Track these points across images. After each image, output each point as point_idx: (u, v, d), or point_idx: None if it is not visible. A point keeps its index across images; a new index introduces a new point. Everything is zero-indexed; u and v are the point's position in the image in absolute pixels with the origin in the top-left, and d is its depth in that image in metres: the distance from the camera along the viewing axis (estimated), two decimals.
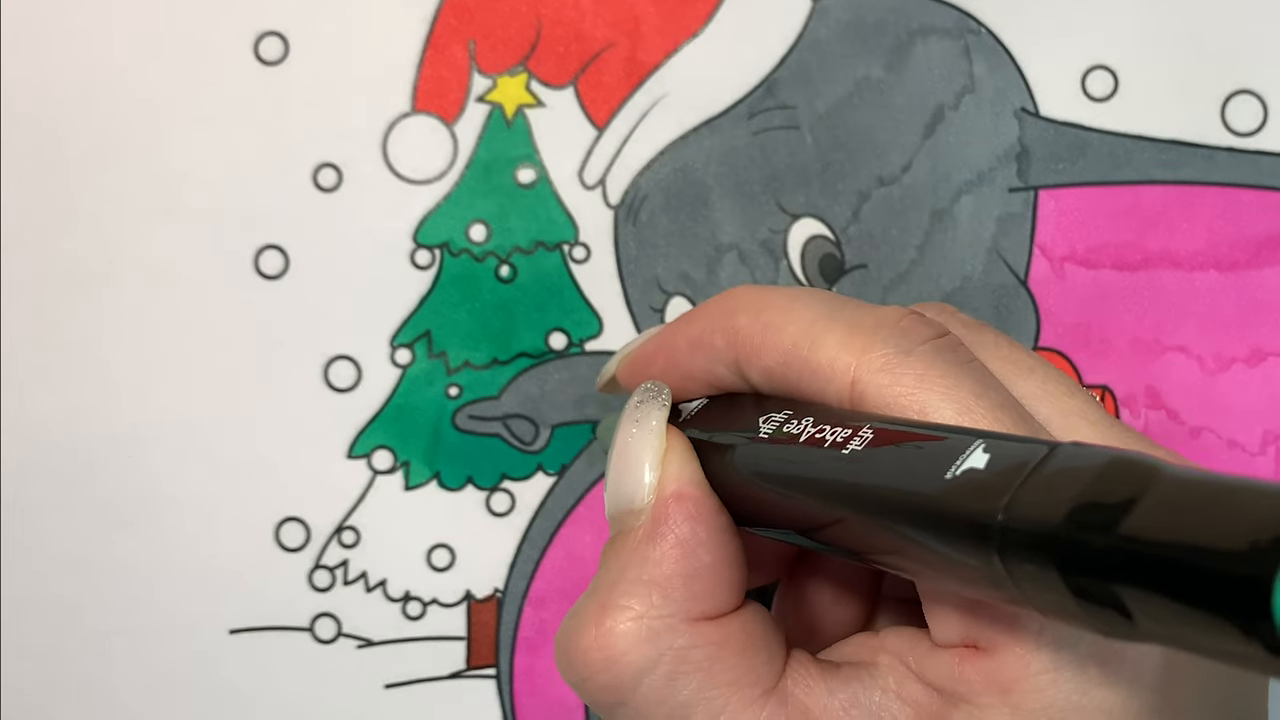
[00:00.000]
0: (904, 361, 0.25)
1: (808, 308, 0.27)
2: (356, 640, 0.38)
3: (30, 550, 0.37)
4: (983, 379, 0.25)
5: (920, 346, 0.26)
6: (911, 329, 0.26)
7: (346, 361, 0.38)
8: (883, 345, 0.26)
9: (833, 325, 0.26)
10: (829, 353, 0.26)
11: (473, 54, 0.38)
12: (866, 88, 0.38)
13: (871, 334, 0.26)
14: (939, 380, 0.25)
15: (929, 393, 0.25)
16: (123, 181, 0.37)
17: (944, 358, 0.25)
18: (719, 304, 0.29)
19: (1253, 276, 0.38)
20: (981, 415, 0.24)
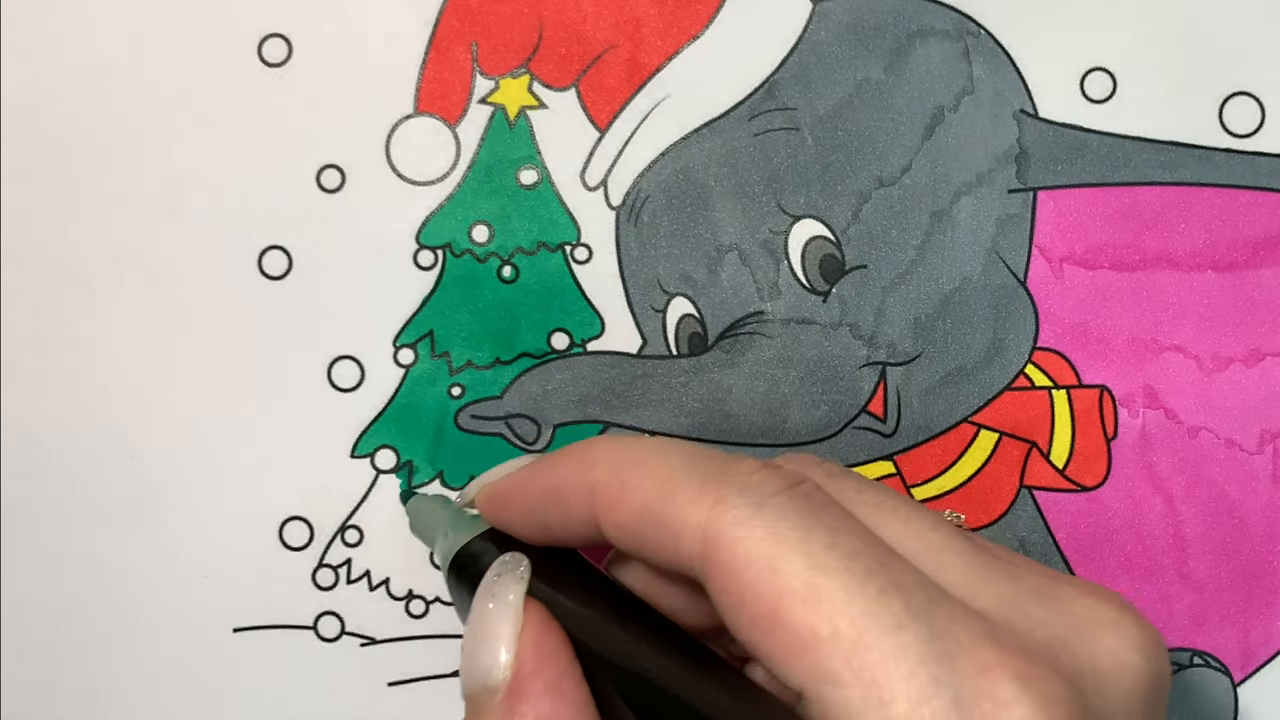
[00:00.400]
0: (756, 514, 0.25)
1: (665, 462, 0.27)
2: (360, 638, 0.38)
3: (30, 550, 0.37)
4: (836, 528, 0.25)
5: (773, 499, 0.25)
6: (764, 481, 0.26)
7: (350, 361, 0.38)
8: (735, 499, 0.25)
9: (687, 481, 0.26)
10: (681, 509, 0.26)
11: (475, 56, 0.38)
12: (867, 89, 0.38)
13: (724, 486, 0.26)
14: (789, 533, 0.25)
15: (779, 546, 0.24)
16: (126, 182, 0.37)
17: (797, 509, 0.25)
18: (579, 455, 0.29)
19: (1250, 277, 0.38)
20: (833, 566, 0.24)
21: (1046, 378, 0.38)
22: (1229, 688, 0.39)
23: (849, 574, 0.24)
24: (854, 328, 0.38)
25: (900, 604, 0.24)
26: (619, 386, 0.38)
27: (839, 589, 0.24)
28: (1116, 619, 0.26)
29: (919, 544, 0.27)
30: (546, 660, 0.27)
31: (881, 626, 0.23)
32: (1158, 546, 0.39)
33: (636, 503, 0.27)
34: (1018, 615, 0.25)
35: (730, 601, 0.25)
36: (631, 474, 0.27)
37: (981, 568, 0.26)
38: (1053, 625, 0.25)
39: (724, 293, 0.38)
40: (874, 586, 0.24)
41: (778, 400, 0.38)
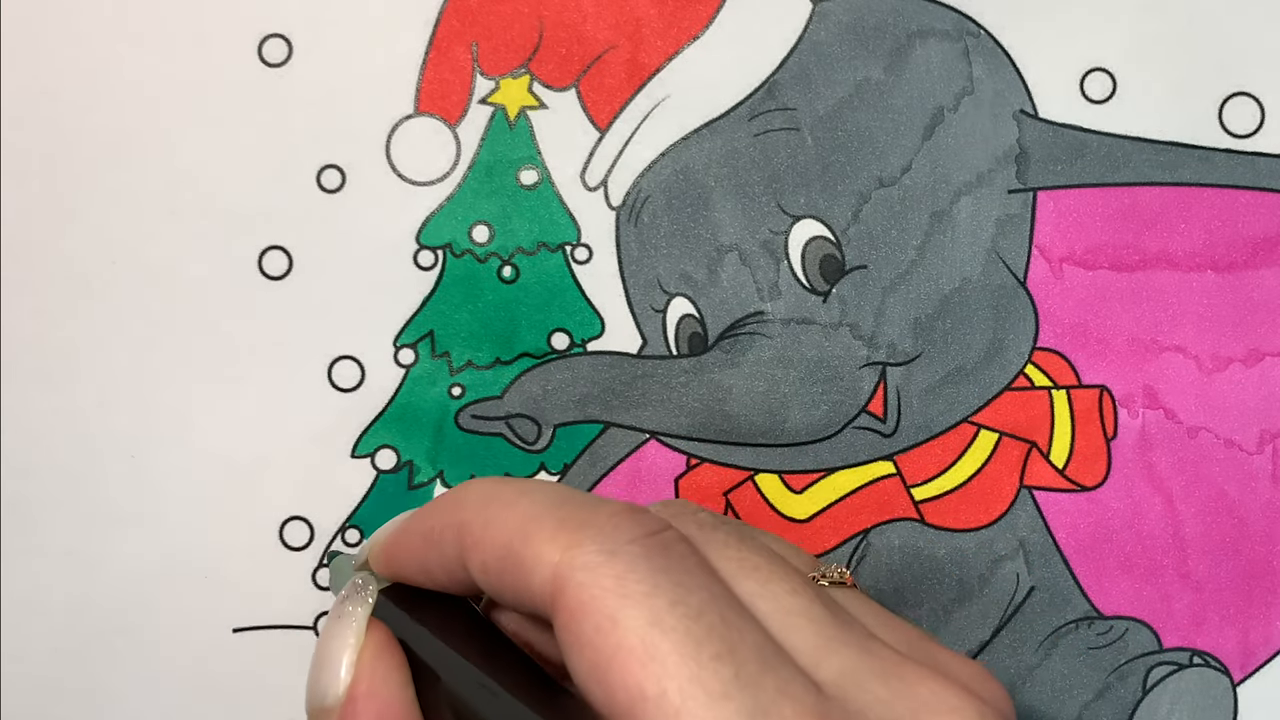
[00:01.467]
0: (606, 562, 0.25)
1: (530, 503, 0.27)
2: None
3: (30, 550, 0.37)
4: (685, 584, 0.25)
5: (627, 546, 0.25)
6: (621, 526, 0.26)
7: (350, 361, 0.38)
8: (589, 543, 0.25)
9: (546, 520, 0.26)
10: (535, 548, 0.26)
11: (475, 56, 0.38)
12: (866, 90, 0.38)
13: (579, 530, 0.25)
14: (635, 586, 0.24)
15: (623, 599, 0.24)
16: (126, 182, 0.37)
17: (649, 560, 0.25)
18: (452, 498, 0.29)
19: (1249, 277, 0.38)
20: (672, 625, 0.24)
21: (1046, 378, 0.38)
22: (1228, 687, 0.39)
23: (686, 634, 0.24)
24: (854, 328, 0.38)
25: (731, 671, 0.24)
26: (619, 386, 0.38)
27: (673, 650, 0.24)
28: (956, 707, 0.26)
29: (773, 605, 0.26)
30: (380, 681, 0.28)
31: (708, 694, 0.23)
32: (1157, 546, 0.39)
33: (498, 541, 0.26)
34: (856, 691, 0.25)
35: (570, 645, 0.25)
36: (496, 513, 0.27)
37: (831, 638, 0.26)
38: (891, 705, 0.25)
39: (724, 293, 0.38)
40: (709, 651, 0.24)
41: (778, 400, 0.38)
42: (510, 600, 0.27)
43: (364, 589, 0.29)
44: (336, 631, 0.29)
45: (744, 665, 0.24)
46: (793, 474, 0.38)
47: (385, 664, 0.28)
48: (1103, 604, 0.39)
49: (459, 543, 0.28)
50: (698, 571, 0.26)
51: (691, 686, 0.23)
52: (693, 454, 0.38)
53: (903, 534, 0.38)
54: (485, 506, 0.27)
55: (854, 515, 0.38)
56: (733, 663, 0.24)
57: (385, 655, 0.28)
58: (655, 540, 0.26)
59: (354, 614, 0.29)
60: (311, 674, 0.29)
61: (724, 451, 0.38)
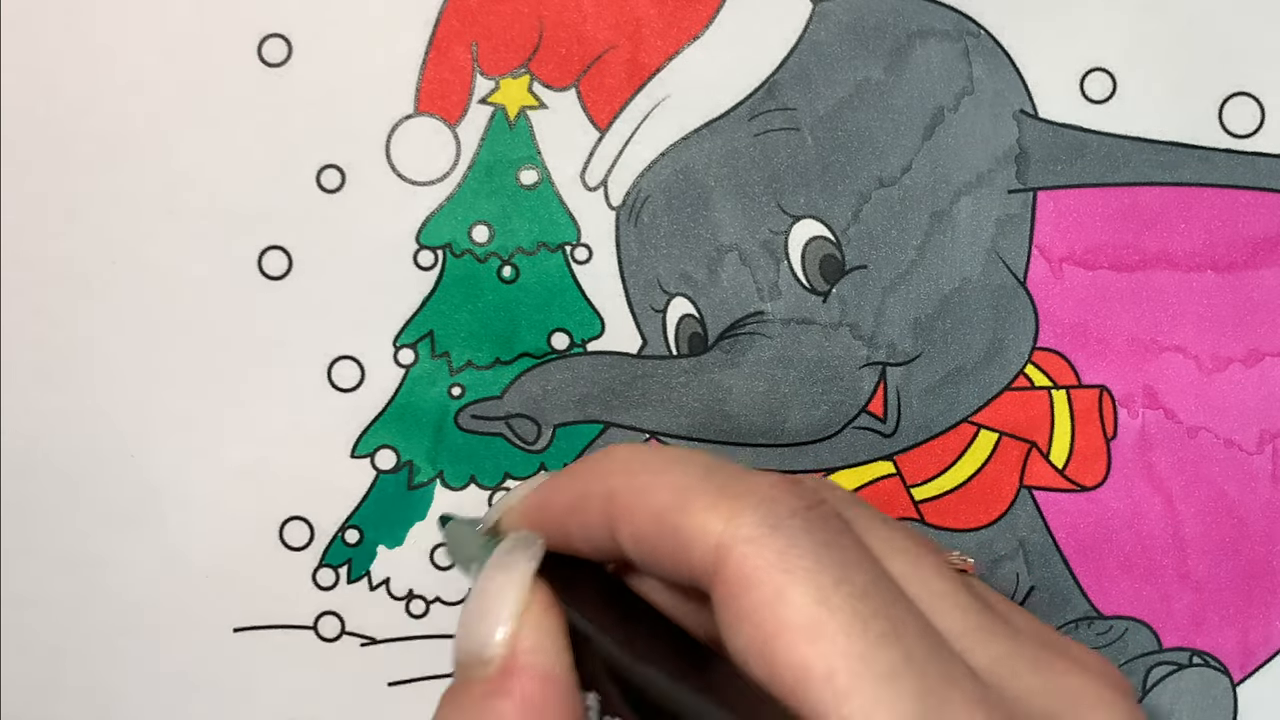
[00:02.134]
0: (769, 535, 0.24)
1: (682, 471, 0.26)
2: (360, 638, 0.38)
3: (30, 550, 0.37)
4: (848, 561, 0.25)
5: (789, 520, 0.25)
6: (781, 498, 0.25)
7: (350, 362, 0.38)
8: (750, 514, 0.25)
9: (704, 489, 0.26)
10: (696, 518, 0.25)
11: (475, 56, 0.38)
12: (866, 90, 0.38)
13: (739, 501, 0.25)
14: (799, 561, 0.24)
15: (787, 575, 0.24)
16: (126, 182, 0.37)
17: (811, 535, 0.25)
18: (597, 465, 0.28)
19: (1249, 277, 0.38)
20: (839, 604, 0.24)
21: (1046, 378, 0.38)
22: (1228, 687, 0.39)
23: (853, 614, 0.24)
24: (854, 328, 0.38)
25: (899, 653, 0.23)
26: (619, 386, 0.38)
27: (841, 629, 0.23)
28: (1107, 699, 0.26)
29: (923, 589, 0.26)
30: (544, 642, 0.27)
31: (876, 674, 0.23)
32: (1157, 546, 0.39)
33: (651, 511, 0.26)
34: (1012, 680, 0.25)
35: (731, 619, 0.25)
36: (648, 482, 0.27)
37: (982, 624, 0.26)
38: (1045, 697, 0.25)
39: (724, 293, 0.38)
40: (876, 630, 0.24)
41: (778, 400, 0.38)
42: (665, 570, 0.26)
43: (531, 544, 0.28)
44: (500, 583, 0.27)
45: (912, 648, 0.24)
46: (793, 474, 0.38)
47: (550, 624, 0.27)
48: (1102, 604, 0.39)
49: (607, 510, 0.27)
50: (857, 548, 0.25)
51: (860, 666, 0.23)
52: None
53: None
54: (635, 474, 0.27)
55: None
56: (900, 644, 0.24)
57: (550, 615, 0.27)
58: (816, 514, 0.25)
59: (519, 567, 0.28)
60: (467, 624, 0.27)
61: (724, 451, 0.38)
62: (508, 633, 0.27)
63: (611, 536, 0.27)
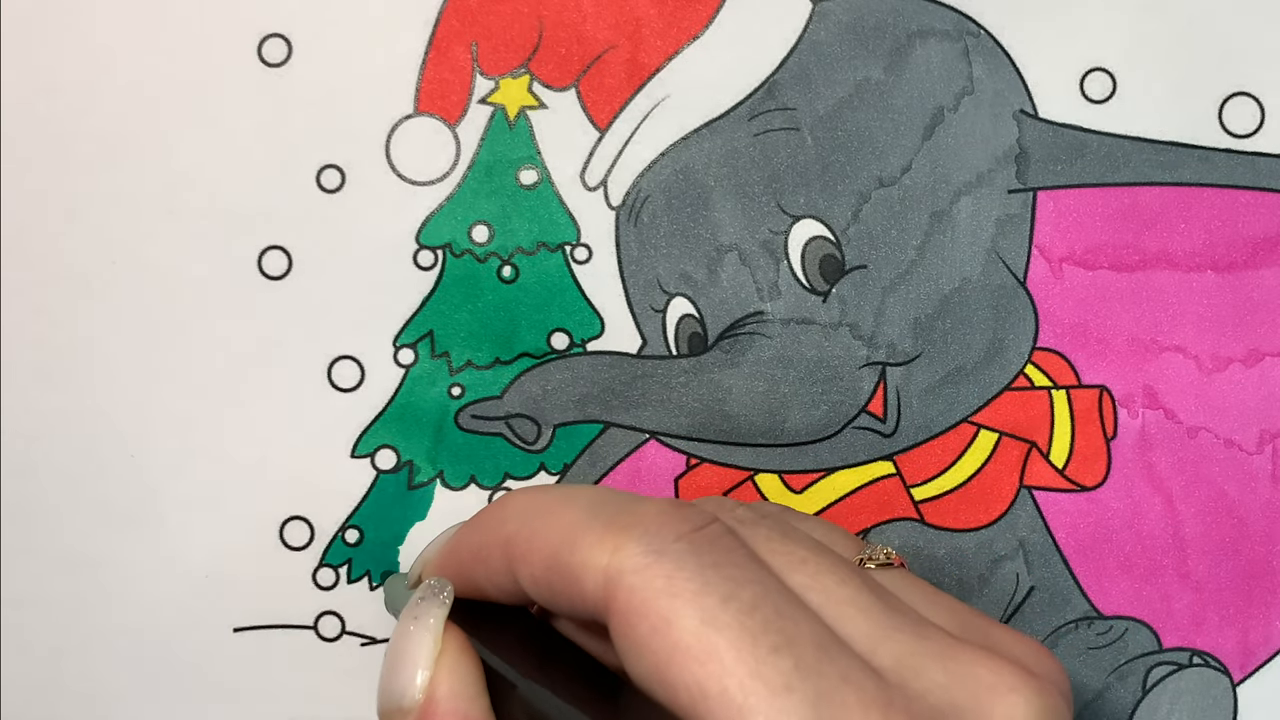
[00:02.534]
0: (655, 563, 0.25)
1: (571, 510, 0.27)
2: (360, 638, 0.38)
3: (30, 550, 0.37)
4: (736, 578, 0.25)
5: (674, 545, 0.25)
6: (667, 524, 0.25)
7: (350, 361, 0.38)
8: (635, 544, 0.25)
9: (590, 526, 0.26)
10: (583, 555, 0.26)
11: (475, 56, 0.38)
12: (866, 90, 0.38)
13: (625, 532, 0.25)
14: (685, 585, 0.24)
15: (674, 599, 0.24)
16: (126, 182, 0.37)
17: (697, 557, 0.25)
18: (496, 513, 0.29)
19: (1249, 277, 0.38)
20: (727, 622, 0.24)
21: (1046, 378, 0.38)
22: (1228, 687, 0.39)
23: (742, 629, 0.24)
24: (854, 328, 0.38)
25: (791, 662, 0.24)
26: (619, 386, 0.38)
27: (730, 647, 0.24)
28: (1016, 686, 0.26)
29: (824, 598, 0.26)
30: (460, 687, 0.27)
31: (770, 688, 0.23)
32: (1157, 546, 0.39)
33: (543, 553, 0.27)
34: (914, 677, 0.25)
35: (627, 648, 0.25)
36: (539, 525, 0.27)
37: (885, 625, 0.26)
38: (950, 690, 0.25)
39: (724, 293, 0.38)
40: (766, 644, 0.24)
41: (778, 400, 0.38)
42: (564, 609, 0.27)
43: (440, 591, 0.29)
44: (413, 633, 0.28)
45: (803, 656, 0.24)
46: (792, 474, 0.38)
47: (464, 667, 0.28)
48: (1102, 604, 0.39)
49: (506, 557, 0.28)
50: (747, 565, 0.25)
51: (752, 681, 0.23)
52: (692, 454, 0.38)
53: (902, 534, 0.38)
54: (529, 519, 0.27)
55: (854, 515, 0.38)
56: (791, 654, 0.24)
57: (464, 658, 0.28)
58: (702, 535, 0.25)
59: (430, 614, 0.29)
60: (386, 675, 0.28)
61: (724, 452, 0.38)
62: (424, 679, 0.28)
63: (515, 580, 0.28)
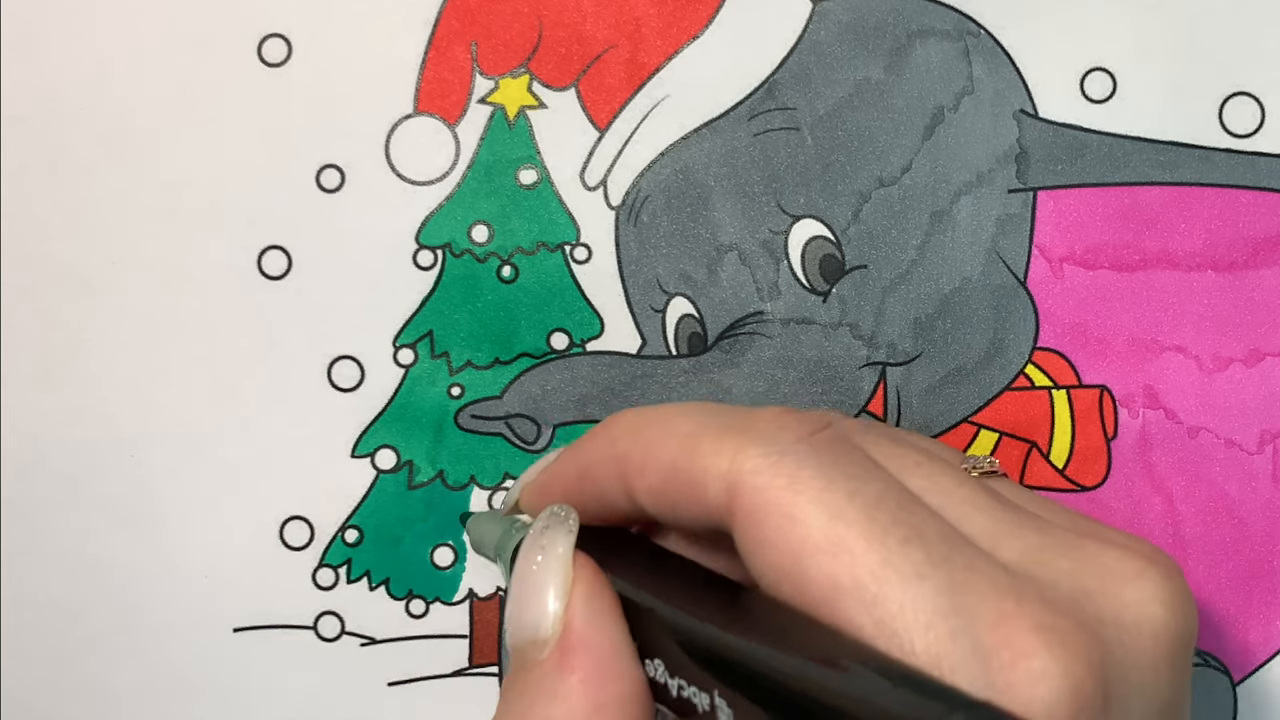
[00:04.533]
0: (777, 463, 0.25)
1: (685, 420, 0.27)
2: (360, 638, 0.38)
3: (30, 550, 0.37)
4: (858, 475, 0.25)
5: (794, 446, 0.25)
6: (786, 427, 0.25)
7: (349, 361, 0.38)
8: (755, 447, 0.25)
9: (707, 434, 0.26)
10: (703, 461, 0.25)
11: (475, 56, 0.38)
12: (866, 89, 0.38)
13: (744, 436, 0.25)
14: (810, 482, 0.24)
15: (799, 496, 0.24)
16: (125, 182, 0.37)
17: (818, 456, 0.25)
18: (603, 431, 0.28)
19: (1250, 277, 0.38)
20: (854, 516, 0.24)
21: (1046, 378, 0.38)
22: (1228, 687, 0.39)
23: (870, 523, 0.24)
24: (854, 328, 0.38)
25: (921, 553, 0.24)
26: (618, 387, 0.38)
27: (859, 538, 0.24)
28: (1142, 570, 0.26)
29: (944, 499, 0.26)
30: (597, 615, 0.27)
31: (902, 577, 0.23)
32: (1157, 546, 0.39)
33: (662, 463, 0.26)
34: (1041, 568, 0.25)
35: (752, 551, 0.25)
36: (654, 435, 0.27)
37: (1006, 521, 0.26)
38: (1077, 577, 0.25)
39: (724, 293, 0.38)
40: (896, 536, 0.24)
41: (778, 400, 0.38)
42: (684, 519, 0.26)
43: (566, 519, 0.28)
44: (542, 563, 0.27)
45: (932, 547, 0.24)
46: None
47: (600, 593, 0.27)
48: None
49: (620, 474, 0.27)
50: (867, 464, 0.25)
51: (885, 570, 0.23)
52: None
53: None
54: (641, 433, 0.27)
55: None
56: (921, 545, 0.24)
57: (599, 584, 0.27)
58: (820, 438, 0.25)
59: (559, 543, 0.28)
60: (517, 607, 0.27)
61: None
62: (559, 611, 0.27)
63: (628, 498, 0.28)
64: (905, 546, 0.24)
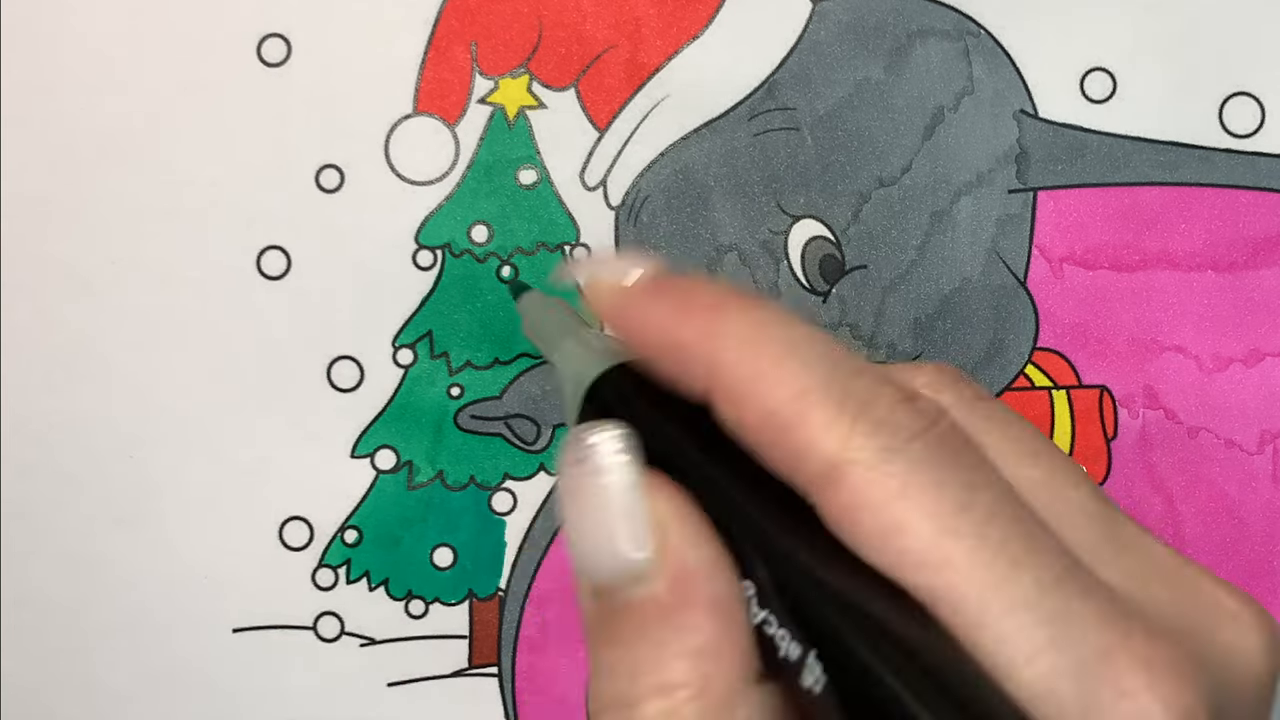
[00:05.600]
0: (888, 460, 0.23)
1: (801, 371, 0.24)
2: (359, 639, 0.38)
3: (30, 550, 0.37)
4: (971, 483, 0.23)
5: (908, 445, 0.23)
6: (902, 420, 0.24)
7: (349, 362, 0.38)
8: (868, 438, 0.23)
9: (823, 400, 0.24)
10: (810, 432, 0.23)
11: (474, 56, 0.38)
12: (866, 89, 0.38)
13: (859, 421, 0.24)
14: (921, 491, 0.23)
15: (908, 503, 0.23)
16: (125, 182, 0.37)
17: (932, 459, 0.23)
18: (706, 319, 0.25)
19: (1250, 277, 0.38)
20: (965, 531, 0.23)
21: (1046, 378, 0.38)
22: None
23: (980, 540, 0.23)
24: (854, 328, 0.38)
25: (1030, 577, 0.23)
26: None
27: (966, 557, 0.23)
28: (1239, 610, 0.25)
29: (1055, 497, 0.25)
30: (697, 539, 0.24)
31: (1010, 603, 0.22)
32: None
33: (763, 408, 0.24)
34: (1145, 594, 0.24)
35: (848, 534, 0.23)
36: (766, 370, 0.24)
37: (1113, 537, 0.25)
38: (1181, 607, 0.24)
39: None
40: (1005, 557, 0.23)
41: None
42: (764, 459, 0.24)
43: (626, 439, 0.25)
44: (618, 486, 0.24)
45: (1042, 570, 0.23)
46: None
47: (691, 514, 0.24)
48: None
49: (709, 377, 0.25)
50: (982, 468, 0.24)
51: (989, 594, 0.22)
52: None
53: None
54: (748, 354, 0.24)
55: None
56: (1031, 568, 0.23)
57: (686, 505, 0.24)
58: (935, 434, 0.24)
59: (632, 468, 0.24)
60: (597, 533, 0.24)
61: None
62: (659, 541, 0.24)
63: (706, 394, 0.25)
64: (1014, 570, 0.23)
